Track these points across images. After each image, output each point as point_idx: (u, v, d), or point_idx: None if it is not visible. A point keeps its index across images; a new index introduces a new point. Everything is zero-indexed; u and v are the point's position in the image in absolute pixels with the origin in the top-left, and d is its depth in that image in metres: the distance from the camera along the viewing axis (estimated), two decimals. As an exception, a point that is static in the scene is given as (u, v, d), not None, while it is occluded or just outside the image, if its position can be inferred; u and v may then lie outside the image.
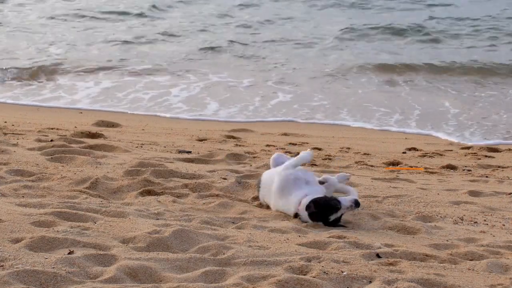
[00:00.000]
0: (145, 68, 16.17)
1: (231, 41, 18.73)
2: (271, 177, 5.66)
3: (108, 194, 5.91)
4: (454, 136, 10.99)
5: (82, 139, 8.32)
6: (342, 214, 5.23)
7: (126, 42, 19.28)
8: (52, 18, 22.51)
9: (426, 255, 4.50)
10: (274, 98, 13.70)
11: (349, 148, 9.37)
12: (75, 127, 9.85)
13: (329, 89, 14.37)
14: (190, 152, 8.17)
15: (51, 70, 15.82)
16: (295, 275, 3.90)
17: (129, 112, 12.48)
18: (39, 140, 8.06)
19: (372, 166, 8.10)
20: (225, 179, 6.46)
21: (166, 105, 13.08)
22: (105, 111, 12.37)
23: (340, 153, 8.95)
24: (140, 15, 23.09)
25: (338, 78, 15.38)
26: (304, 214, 5.28)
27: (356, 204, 5.18)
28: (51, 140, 8.06)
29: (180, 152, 8.17)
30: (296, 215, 5.37)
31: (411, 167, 8.19)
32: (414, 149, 9.58)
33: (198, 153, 8.13)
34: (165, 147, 8.56)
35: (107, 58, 17.16)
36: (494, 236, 5.16)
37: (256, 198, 5.90)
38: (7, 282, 3.61)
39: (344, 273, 4.00)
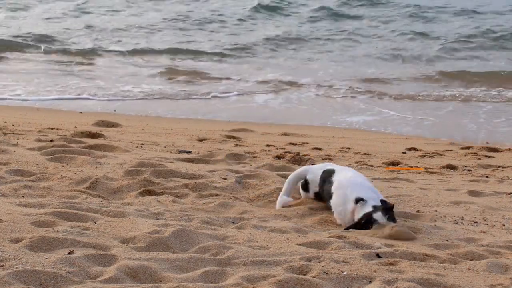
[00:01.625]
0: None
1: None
2: None
3: (108, 194, 5.91)
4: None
5: (82, 139, 8.32)
6: None
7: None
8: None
9: (426, 255, 4.50)
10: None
11: (349, 148, 9.37)
12: (75, 127, 9.85)
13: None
14: (190, 152, 8.17)
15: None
16: (295, 275, 3.90)
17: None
18: (39, 140, 8.06)
19: (372, 166, 8.10)
20: (225, 179, 6.46)
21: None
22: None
23: (340, 153, 8.95)
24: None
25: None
26: None
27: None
28: (51, 140, 8.06)
29: (180, 152, 8.17)
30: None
31: (411, 167, 8.19)
32: (414, 149, 9.58)
33: (198, 153, 8.13)
34: (165, 147, 8.56)
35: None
36: (494, 236, 5.16)
37: None
38: (7, 282, 3.61)
39: (344, 273, 4.00)
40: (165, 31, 21.76)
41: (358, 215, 5.16)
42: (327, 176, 5.67)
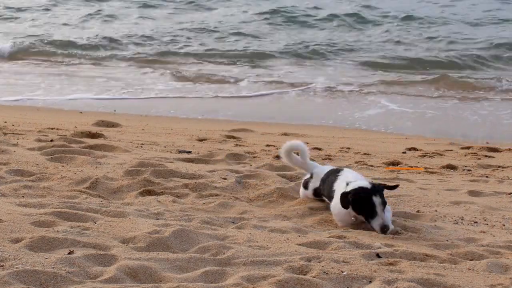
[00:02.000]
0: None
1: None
2: None
3: (108, 194, 5.91)
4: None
5: (82, 139, 8.32)
6: None
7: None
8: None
9: (426, 255, 4.50)
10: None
11: (349, 148, 9.36)
12: (75, 127, 9.85)
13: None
14: (190, 152, 8.17)
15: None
16: (295, 275, 3.90)
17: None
18: (39, 140, 8.06)
19: (372, 166, 8.10)
20: (225, 179, 6.46)
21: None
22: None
23: (340, 153, 8.95)
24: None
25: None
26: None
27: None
28: (51, 140, 8.06)
29: (180, 152, 8.17)
30: None
31: (411, 167, 8.19)
32: (414, 149, 9.57)
33: (198, 153, 8.13)
34: (165, 147, 8.56)
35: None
36: (494, 236, 5.16)
37: None
38: (7, 282, 3.61)
39: (344, 273, 4.00)
40: (189, 37, 21.88)
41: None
42: (332, 173, 5.70)
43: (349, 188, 5.16)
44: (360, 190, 5.09)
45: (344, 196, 5.11)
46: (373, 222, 5.06)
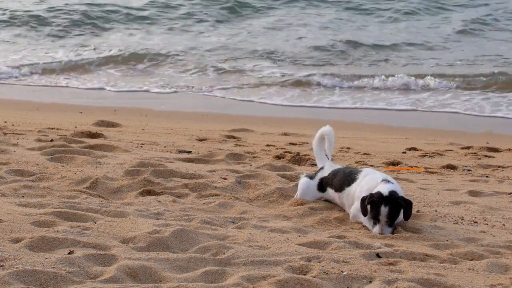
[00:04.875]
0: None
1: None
2: None
3: (108, 194, 5.91)
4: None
5: (82, 139, 8.32)
6: None
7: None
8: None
9: (426, 255, 4.50)
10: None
11: (349, 148, 9.36)
12: (75, 127, 9.85)
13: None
14: (190, 152, 8.18)
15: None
16: (295, 275, 3.90)
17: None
18: (39, 140, 8.06)
19: (372, 166, 8.10)
20: (225, 179, 6.46)
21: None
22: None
23: (340, 153, 8.95)
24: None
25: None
26: None
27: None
28: (51, 140, 8.07)
29: (180, 152, 8.17)
30: None
31: (411, 167, 8.19)
32: (414, 149, 9.57)
33: (198, 153, 8.13)
34: (165, 147, 8.56)
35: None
36: (494, 236, 5.16)
37: None
38: (7, 282, 3.61)
39: (344, 273, 4.00)
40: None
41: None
42: (347, 169, 5.79)
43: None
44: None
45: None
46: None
